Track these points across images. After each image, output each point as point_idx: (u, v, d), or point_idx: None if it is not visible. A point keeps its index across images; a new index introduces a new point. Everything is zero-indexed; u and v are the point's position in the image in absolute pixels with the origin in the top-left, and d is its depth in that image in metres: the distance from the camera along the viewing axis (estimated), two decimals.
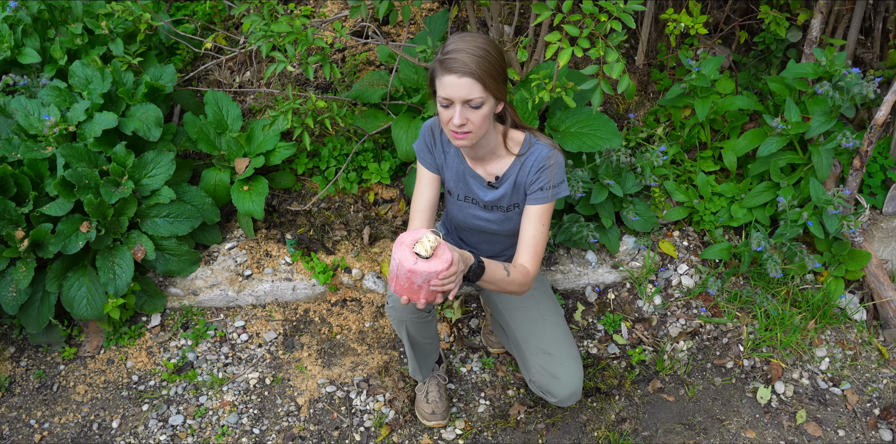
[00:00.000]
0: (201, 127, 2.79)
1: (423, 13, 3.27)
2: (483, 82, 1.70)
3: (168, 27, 3.03)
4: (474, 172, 1.98)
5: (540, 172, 1.90)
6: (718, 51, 3.13)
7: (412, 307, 2.00)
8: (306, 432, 2.42)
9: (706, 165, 2.87)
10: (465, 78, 1.69)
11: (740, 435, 2.39)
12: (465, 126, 1.75)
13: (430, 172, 2.01)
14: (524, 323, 2.14)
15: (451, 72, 1.70)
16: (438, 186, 2.03)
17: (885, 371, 2.57)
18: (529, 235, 1.91)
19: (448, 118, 1.76)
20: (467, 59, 1.69)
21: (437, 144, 1.99)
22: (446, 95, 1.73)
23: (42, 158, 2.61)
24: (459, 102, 1.72)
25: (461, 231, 2.20)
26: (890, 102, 2.62)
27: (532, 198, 1.92)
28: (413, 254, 1.58)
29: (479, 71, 1.69)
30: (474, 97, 1.71)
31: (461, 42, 1.72)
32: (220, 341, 2.68)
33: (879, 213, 2.86)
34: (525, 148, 1.92)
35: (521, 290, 1.87)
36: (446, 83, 1.71)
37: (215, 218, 2.77)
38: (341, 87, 3.00)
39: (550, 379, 2.03)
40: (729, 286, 2.74)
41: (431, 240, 1.58)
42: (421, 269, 1.56)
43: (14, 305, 2.50)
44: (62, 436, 2.45)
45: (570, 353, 2.06)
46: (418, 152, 2.01)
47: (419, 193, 2.00)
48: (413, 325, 2.07)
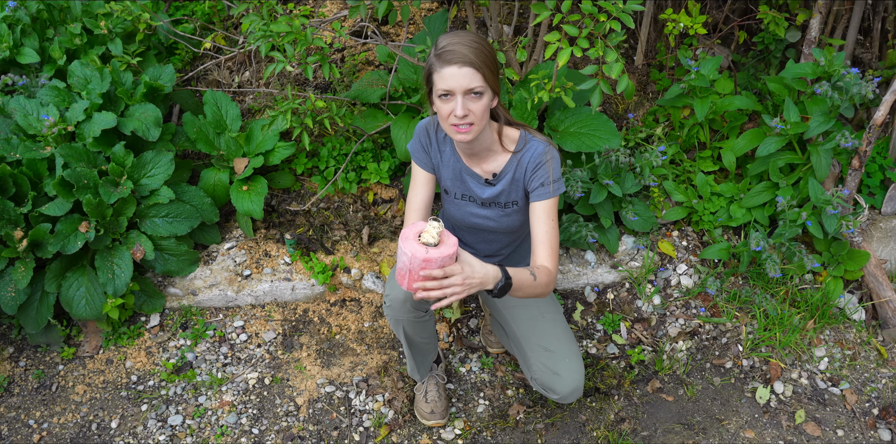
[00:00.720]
0: (200, 127, 2.79)
1: (422, 13, 3.27)
2: (483, 72, 1.72)
3: (167, 27, 3.03)
4: (471, 170, 1.98)
5: (538, 169, 1.90)
6: (717, 51, 3.13)
7: (409, 306, 2.00)
8: (305, 432, 2.42)
9: (705, 165, 2.87)
10: (466, 67, 1.71)
11: (739, 435, 2.39)
12: (468, 117, 1.75)
13: (425, 171, 2.01)
14: (524, 321, 2.14)
15: (450, 63, 1.71)
16: (433, 185, 2.03)
17: (883, 371, 2.57)
18: (542, 232, 1.90)
19: (449, 111, 1.76)
20: (465, 50, 1.71)
21: (432, 143, 1.99)
22: (447, 86, 1.73)
23: (41, 157, 2.61)
24: (461, 93, 1.73)
25: (458, 231, 2.20)
26: (889, 102, 2.62)
27: (535, 195, 1.92)
28: (422, 245, 1.60)
29: (478, 61, 1.71)
30: (476, 86, 1.72)
31: (454, 37, 1.74)
32: (219, 341, 2.68)
33: (878, 213, 2.86)
34: (521, 145, 1.93)
35: (546, 291, 1.84)
36: (447, 75, 1.72)
37: (214, 218, 2.77)
38: (340, 87, 3.00)
39: (552, 376, 2.04)
40: (728, 286, 2.74)
41: (435, 226, 1.60)
42: (434, 256, 1.58)
43: (13, 305, 2.50)
44: (61, 436, 2.45)
45: (570, 349, 2.07)
46: (413, 152, 2.01)
47: (414, 193, 2.01)
48: (410, 324, 2.07)
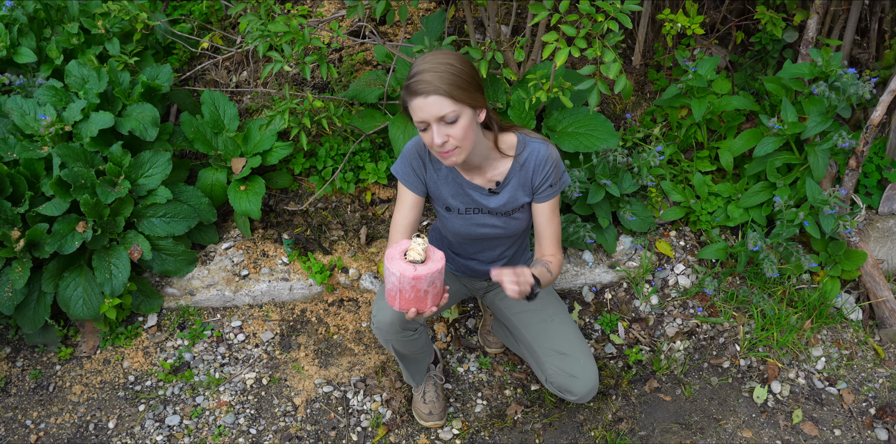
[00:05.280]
0: (198, 127, 2.79)
1: (420, 13, 3.27)
2: (451, 96, 1.69)
3: (165, 27, 3.02)
4: (472, 183, 1.97)
5: (545, 171, 1.92)
6: (715, 51, 3.13)
7: (398, 327, 1.98)
8: (303, 432, 2.42)
9: (703, 165, 2.87)
10: (432, 96, 1.69)
11: (737, 435, 2.39)
12: (448, 143, 1.75)
13: (413, 194, 1.98)
14: (533, 325, 2.14)
15: (416, 94, 1.70)
16: (421, 208, 2.01)
17: (880, 371, 2.57)
18: (550, 230, 1.98)
19: (430, 140, 1.76)
20: (429, 77, 1.68)
21: (425, 165, 1.97)
22: (419, 118, 1.73)
23: (38, 157, 2.60)
24: (434, 122, 1.72)
25: (461, 244, 2.17)
26: (885, 102, 2.63)
27: (543, 197, 1.95)
28: (409, 263, 1.61)
29: (444, 86, 1.68)
30: (446, 112, 1.70)
31: (422, 63, 1.72)
32: (216, 341, 2.68)
33: (875, 213, 2.87)
34: (521, 148, 1.93)
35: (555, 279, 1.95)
36: (416, 107, 1.72)
37: (212, 218, 2.76)
38: (338, 86, 3.00)
39: (569, 379, 2.05)
40: (725, 286, 2.75)
41: (420, 243, 1.62)
42: (423, 273, 1.60)
43: (10, 305, 2.50)
44: (58, 436, 2.45)
45: (583, 350, 2.08)
46: (401, 175, 1.98)
47: (401, 215, 1.98)
48: (400, 343, 2.07)
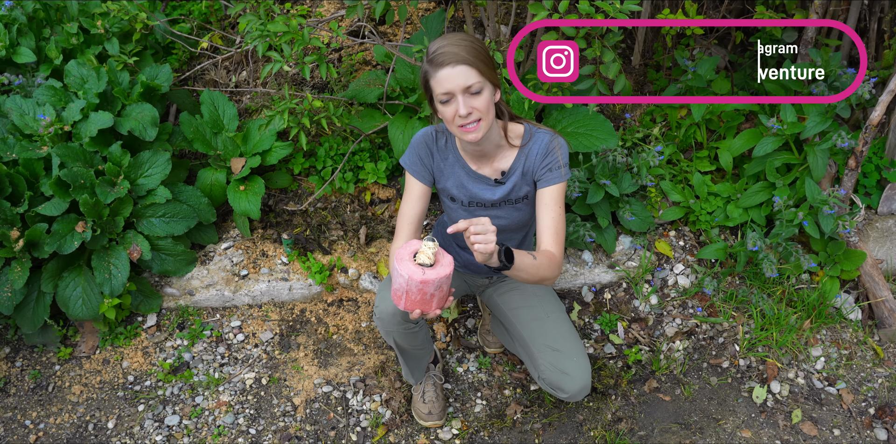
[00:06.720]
0: (197, 127, 2.79)
1: (419, 13, 3.27)
2: (477, 67, 1.73)
3: (164, 27, 3.02)
4: (478, 173, 1.97)
5: (547, 156, 1.91)
6: (714, 51, 3.13)
7: (399, 319, 1.99)
8: (303, 432, 2.42)
9: (702, 165, 2.87)
10: (460, 66, 1.72)
11: (736, 435, 2.39)
12: (472, 114, 1.76)
13: (421, 184, 1.99)
14: (529, 322, 2.14)
15: (443, 65, 1.72)
16: (428, 199, 2.01)
17: (880, 371, 2.58)
18: (548, 218, 1.89)
19: (453, 113, 1.76)
20: (455, 49, 1.72)
21: (433, 155, 1.98)
22: (445, 89, 1.74)
23: (37, 157, 2.60)
24: (460, 92, 1.73)
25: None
26: (885, 102, 2.63)
27: (544, 181, 1.92)
28: (418, 265, 1.60)
29: (471, 57, 1.72)
30: (472, 82, 1.73)
31: (442, 40, 1.76)
32: (216, 341, 2.68)
33: (874, 213, 2.87)
34: (527, 138, 1.94)
35: (551, 275, 1.81)
36: (442, 77, 1.73)
37: (211, 218, 2.76)
38: (338, 86, 3.00)
39: (561, 375, 2.04)
40: (725, 286, 2.75)
41: (431, 246, 1.60)
42: (431, 277, 1.58)
43: (9, 305, 2.49)
44: (57, 436, 2.44)
45: (577, 348, 2.08)
46: (409, 165, 1.99)
47: (409, 206, 1.99)
48: (401, 335, 2.07)
